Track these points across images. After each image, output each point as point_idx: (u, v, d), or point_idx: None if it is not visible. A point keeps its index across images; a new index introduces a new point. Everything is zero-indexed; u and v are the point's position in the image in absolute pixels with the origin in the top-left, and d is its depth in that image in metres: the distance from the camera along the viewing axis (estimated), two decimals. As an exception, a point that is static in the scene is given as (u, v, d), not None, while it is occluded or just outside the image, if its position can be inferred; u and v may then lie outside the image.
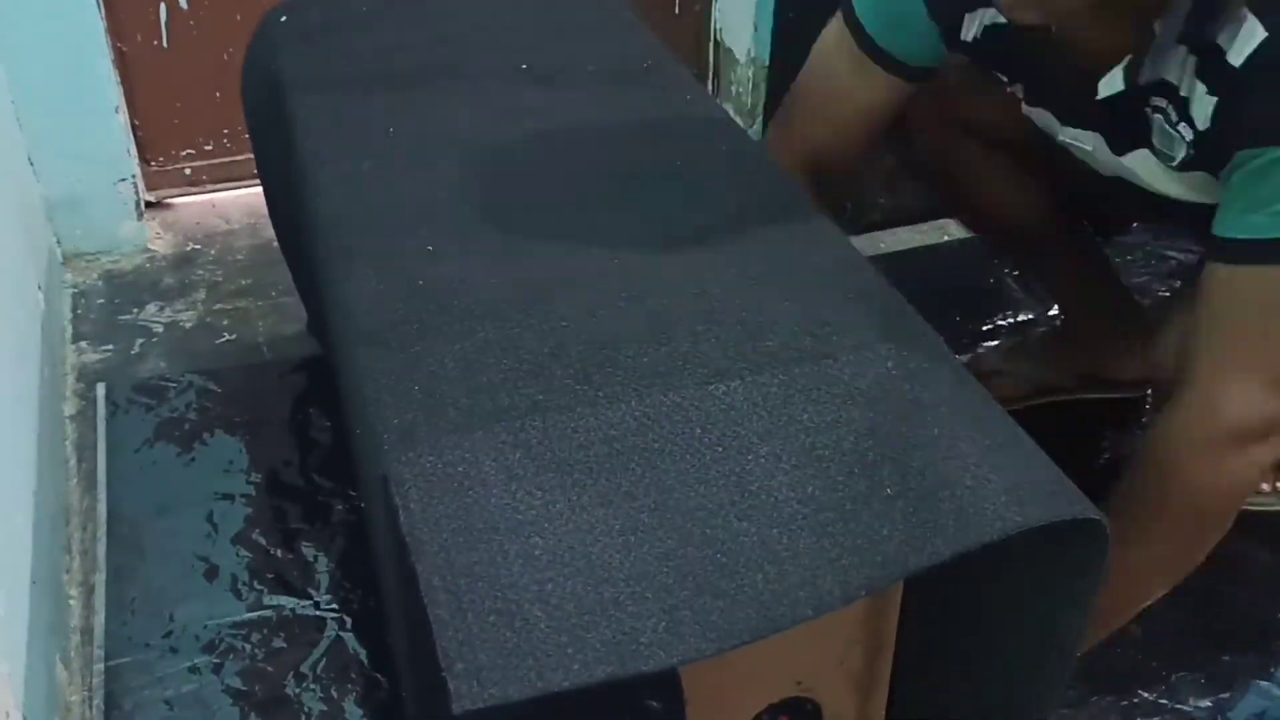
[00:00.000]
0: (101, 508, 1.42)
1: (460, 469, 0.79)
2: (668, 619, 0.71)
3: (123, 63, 1.83)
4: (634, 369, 0.87)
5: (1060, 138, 1.21)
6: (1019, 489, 0.80)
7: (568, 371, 0.87)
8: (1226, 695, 1.24)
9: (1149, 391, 1.54)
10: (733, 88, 2.18)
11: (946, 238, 1.91)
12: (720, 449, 0.81)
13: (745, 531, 0.77)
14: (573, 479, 0.79)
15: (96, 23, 1.72)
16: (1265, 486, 1.33)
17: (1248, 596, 1.34)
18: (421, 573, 0.73)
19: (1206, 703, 1.23)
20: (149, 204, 1.94)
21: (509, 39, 1.37)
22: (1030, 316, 1.73)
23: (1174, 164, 1.09)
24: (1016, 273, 1.80)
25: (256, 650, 1.26)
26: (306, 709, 1.21)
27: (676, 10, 2.16)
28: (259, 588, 1.33)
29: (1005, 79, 1.24)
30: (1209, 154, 1.05)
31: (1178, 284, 1.79)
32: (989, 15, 1.16)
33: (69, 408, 1.58)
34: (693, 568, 0.75)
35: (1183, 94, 1.04)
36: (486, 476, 0.78)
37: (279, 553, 1.37)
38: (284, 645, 1.27)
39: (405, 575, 0.75)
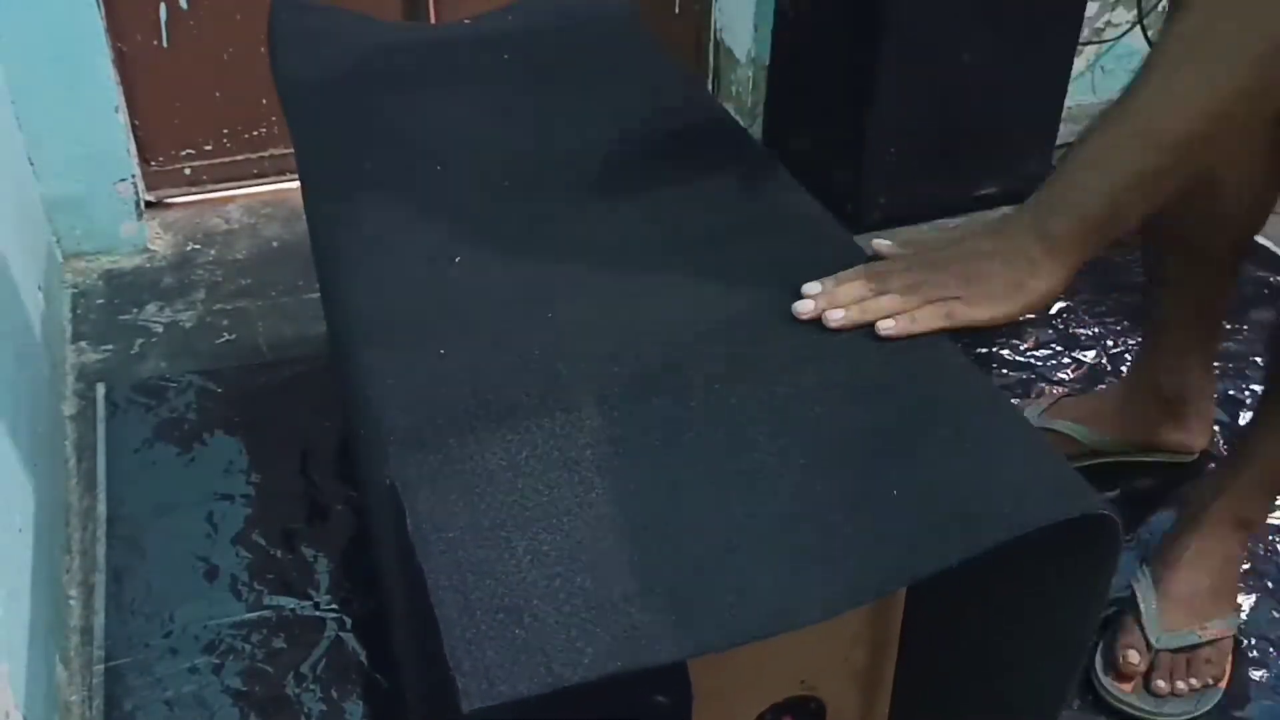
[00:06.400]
0: (101, 508, 1.42)
1: (466, 467, 0.78)
2: (677, 614, 0.71)
3: (123, 63, 1.82)
4: (639, 370, 0.87)
5: None
6: (1028, 488, 0.79)
7: (573, 372, 0.87)
8: (1226, 695, 1.24)
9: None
10: (733, 88, 2.18)
11: (947, 238, 1.91)
12: (728, 447, 0.81)
13: (754, 530, 0.77)
14: (580, 476, 0.78)
15: (96, 23, 1.71)
16: (1182, 686, 1.22)
17: (1246, 596, 1.34)
18: (428, 572, 0.72)
19: (1209, 703, 1.24)
20: (149, 204, 1.94)
21: (512, 39, 1.37)
22: (1031, 316, 1.73)
23: None
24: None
25: (256, 650, 1.26)
26: (306, 709, 1.20)
27: (676, 10, 2.16)
28: (259, 588, 1.32)
29: None
30: None
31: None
32: None
33: (69, 408, 1.58)
34: (702, 564, 0.74)
35: None
36: (493, 474, 0.78)
37: (279, 553, 1.36)
38: (284, 645, 1.26)
39: (411, 575, 0.74)
